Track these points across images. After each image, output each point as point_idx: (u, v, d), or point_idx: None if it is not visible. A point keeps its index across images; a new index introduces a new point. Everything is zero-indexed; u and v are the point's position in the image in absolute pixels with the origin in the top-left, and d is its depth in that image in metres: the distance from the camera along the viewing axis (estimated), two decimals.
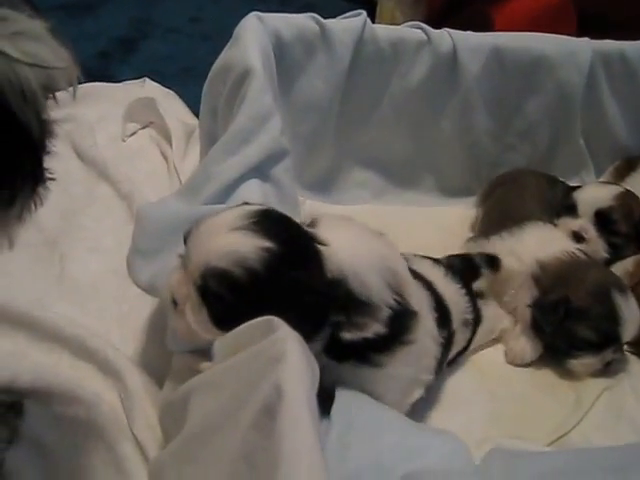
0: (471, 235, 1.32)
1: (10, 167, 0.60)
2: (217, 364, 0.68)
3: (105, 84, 1.63)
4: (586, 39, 1.38)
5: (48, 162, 0.66)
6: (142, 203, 1.24)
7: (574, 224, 1.24)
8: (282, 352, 0.58)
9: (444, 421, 0.99)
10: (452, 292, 1.01)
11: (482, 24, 1.58)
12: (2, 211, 0.62)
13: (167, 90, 1.64)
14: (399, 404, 0.85)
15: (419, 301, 0.85)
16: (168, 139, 1.47)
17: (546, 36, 1.36)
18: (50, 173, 0.68)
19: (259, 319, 0.67)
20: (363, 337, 0.75)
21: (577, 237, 1.23)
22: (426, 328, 0.85)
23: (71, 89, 0.68)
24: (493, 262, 1.15)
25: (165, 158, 1.45)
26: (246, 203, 0.81)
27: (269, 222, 0.74)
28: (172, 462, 0.68)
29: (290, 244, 0.74)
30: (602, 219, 1.24)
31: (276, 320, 0.65)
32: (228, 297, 0.72)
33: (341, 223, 0.84)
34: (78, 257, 1.19)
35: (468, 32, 1.34)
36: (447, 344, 0.95)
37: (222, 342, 0.69)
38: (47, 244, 1.19)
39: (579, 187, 1.33)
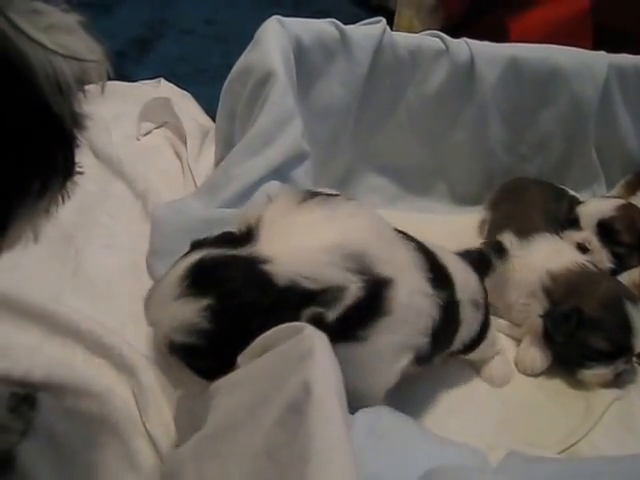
0: (481, 241, 1.32)
1: (43, 158, 0.61)
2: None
3: (120, 83, 1.63)
4: (602, 52, 1.40)
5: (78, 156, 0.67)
6: (157, 203, 1.25)
7: (578, 236, 1.26)
8: (309, 350, 0.59)
9: (455, 427, 1.00)
10: (459, 268, 0.99)
11: (499, 34, 1.59)
12: (32, 203, 0.62)
13: (182, 91, 1.64)
14: (388, 371, 0.85)
15: (400, 264, 0.83)
16: (182, 139, 1.47)
17: (563, 48, 1.37)
18: (79, 167, 0.68)
19: (283, 326, 0.68)
20: (345, 308, 0.75)
21: (581, 248, 1.24)
22: (412, 288, 0.83)
23: (101, 83, 0.69)
24: (500, 249, 1.17)
25: (179, 158, 1.45)
26: (195, 243, 0.81)
27: (202, 277, 0.75)
28: (192, 458, 0.68)
29: (228, 287, 0.74)
30: (605, 230, 1.26)
31: (300, 323, 0.66)
32: (198, 361, 0.75)
33: (283, 226, 0.80)
34: (93, 253, 1.19)
35: (485, 42, 1.35)
36: (451, 310, 0.92)
37: (246, 352, 0.71)
38: (63, 239, 1.19)
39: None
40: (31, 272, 1.12)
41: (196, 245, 0.81)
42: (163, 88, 1.64)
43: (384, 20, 1.28)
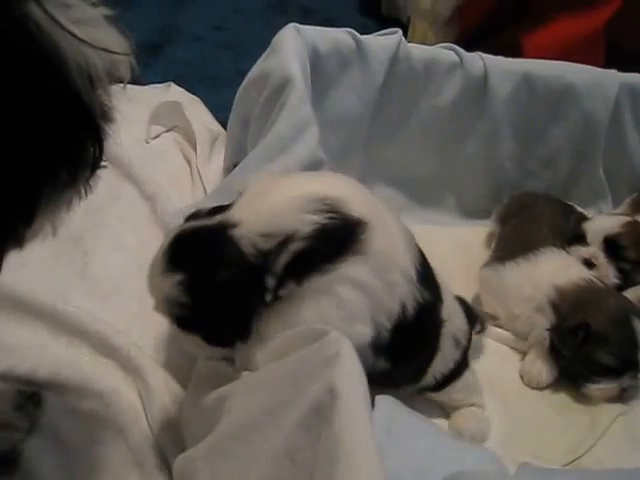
0: (489, 254, 1.33)
1: (73, 149, 0.61)
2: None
3: (130, 86, 1.62)
4: (614, 71, 1.40)
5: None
6: (166, 206, 1.25)
7: (584, 251, 1.26)
8: (336, 354, 0.58)
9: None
10: (449, 293, 0.97)
11: (513, 50, 1.59)
12: (57, 195, 0.62)
13: (192, 96, 1.64)
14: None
15: (379, 214, 0.82)
16: (192, 143, 1.47)
17: (575, 66, 1.38)
18: (104, 161, 0.68)
19: (306, 328, 0.68)
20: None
21: (587, 264, 1.24)
22: (391, 242, 0.81)
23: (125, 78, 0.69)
24: (482, 323, 1.14)
25: (188, 162, 1.45)
26: (187, 217, 0.83)
27: (178, 251, 0.78)
28: (205, 459, 0.68)
29: (198, 260, 0.77)
30: (611, 245, 1.26)
31: (323, 327, 0.65)
32: (191, 328, 0.80)
33: (255, 193, 0.80)
34: (101, 254, 1.19)
35: (499, 57, 1.35)
36: (430, 321, 0.90)
37: (265, 351, 0.70)
38: (71, 239, 1.18)
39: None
40: (39, 271, 1.11)
41: (187, 219, 0.83)
42: (173, 92, 1.64)
43: (400, 31, 1.28)
